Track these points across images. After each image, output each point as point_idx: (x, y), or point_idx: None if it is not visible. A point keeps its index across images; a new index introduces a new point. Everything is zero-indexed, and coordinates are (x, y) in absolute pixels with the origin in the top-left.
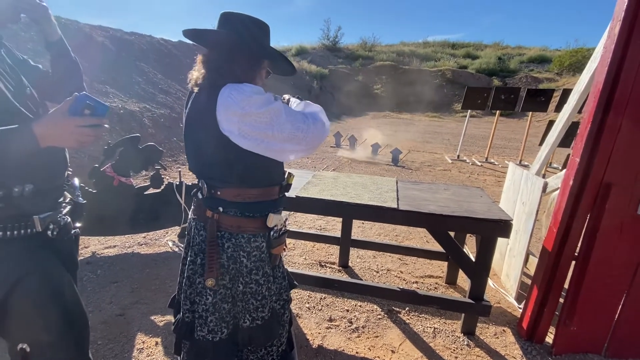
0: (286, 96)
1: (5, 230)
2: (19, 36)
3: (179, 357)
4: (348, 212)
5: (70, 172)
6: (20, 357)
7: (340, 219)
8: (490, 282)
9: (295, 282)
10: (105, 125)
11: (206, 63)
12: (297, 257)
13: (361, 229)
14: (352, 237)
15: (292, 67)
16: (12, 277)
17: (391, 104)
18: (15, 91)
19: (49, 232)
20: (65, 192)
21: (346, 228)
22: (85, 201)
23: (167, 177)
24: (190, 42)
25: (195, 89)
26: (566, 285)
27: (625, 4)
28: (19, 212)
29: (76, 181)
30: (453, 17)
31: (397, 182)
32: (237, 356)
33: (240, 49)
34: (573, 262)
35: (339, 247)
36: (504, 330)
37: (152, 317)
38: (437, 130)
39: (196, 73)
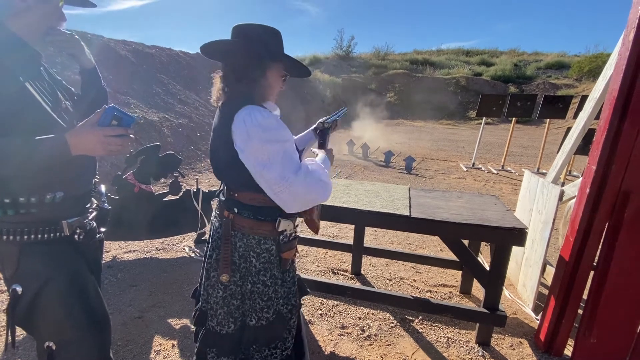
0: (316, 151)
1: (37, 233)
2: (47, 51)
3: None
4: (360, 219)
5: (97, 180)
6: (46, 355)
7: (353, 227)
8: (506, 292)
9: (307, 289)
10: (131, 135)
11: (222, 77)
12: (310, 264)
13: (374, 237)
14: (365, 245)
15: (305, 69)
16: (42, 277)
17: (405, 112)
18: (53, 105)
19: (76, 236)
20: (92, 198)
21: (359, 235)
22: (110, 207)
23: (185, 185)
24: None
25: (219, 104)
26: (585, 296)
27: (639, 11)
28: (50, 217)
29: (103, 188)
30: (467, 25)
31: (409, 190)
32: (244, 353)
33: (249, 53)
34: (592, 272)
35: (351, 254)
36: (520, 341)
37: (169, 320)
38: (451, 137)
39: (215, 89)
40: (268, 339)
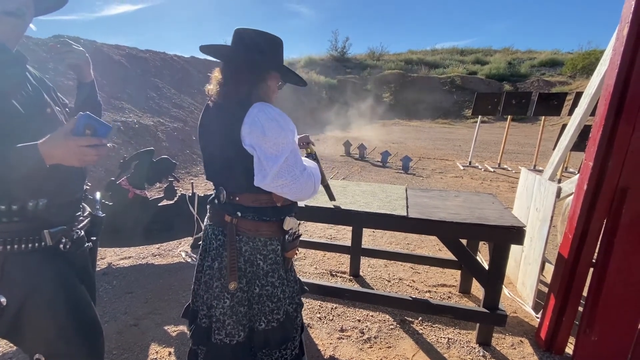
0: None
1: (20, 243)
2: (40, 56)
3: None
4: (357, 220)
5: (89, 186)
6: None
7: (350, 228)
8: (505, 290)
9: (305, 287)
10: (108, 145)
11: (220, 77)
12: (308, 267)
13: (372, 238)
14: (363, 246)
15: (300, 78)
16: (27, 287)
17: (401, 112)
18: (34, 111)
19: (61, 246)
20: (85, 205)
21: (356, 237)
22: (104, 214)
23: (180, 189)
24: (203, 56)
25: (211, 101)
26: (585, 293)
27: (633, 6)
28: (33, 226)
29: (97, 195)
30: (461, 24)
31: (406, 190)
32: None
33: (244, 60)
34: (591, 269)
35: (349, 256)
36: (521, 340)
37: (166, 327)
38: (447, 136)
39: (212, 86)
40: (280, 340)
